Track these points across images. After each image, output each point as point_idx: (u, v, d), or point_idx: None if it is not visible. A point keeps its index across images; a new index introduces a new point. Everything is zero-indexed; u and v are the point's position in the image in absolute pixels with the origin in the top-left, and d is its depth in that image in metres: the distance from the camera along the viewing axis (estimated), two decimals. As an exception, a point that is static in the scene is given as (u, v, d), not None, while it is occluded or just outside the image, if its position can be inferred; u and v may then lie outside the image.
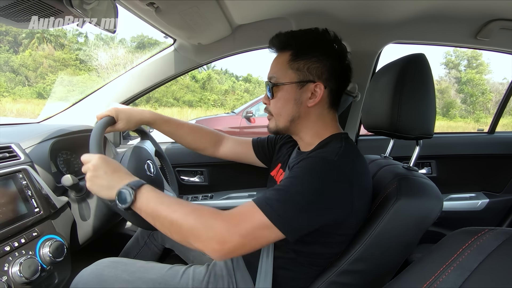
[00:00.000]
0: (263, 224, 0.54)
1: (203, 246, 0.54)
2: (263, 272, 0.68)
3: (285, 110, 0.69)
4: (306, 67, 0.67)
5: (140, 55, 17.00)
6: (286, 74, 0.68)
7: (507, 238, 0.39)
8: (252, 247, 0.55)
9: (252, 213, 0.55)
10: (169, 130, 0.91)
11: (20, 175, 0.72)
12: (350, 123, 1.33)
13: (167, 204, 0.58)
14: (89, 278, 0.70)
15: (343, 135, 0.70)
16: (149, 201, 0.59)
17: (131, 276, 0.70)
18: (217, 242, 0.53)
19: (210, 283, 0.72)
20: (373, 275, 0.67)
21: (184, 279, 0.72)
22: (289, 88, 0.68)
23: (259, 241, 0.55)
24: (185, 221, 0.55)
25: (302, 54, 0.67)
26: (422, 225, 0.65)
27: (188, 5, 0.84)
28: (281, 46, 0.71)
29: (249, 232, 0.54)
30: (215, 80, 17.33)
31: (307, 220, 0.56)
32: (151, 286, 0.69)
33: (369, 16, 1.06)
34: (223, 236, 0.53)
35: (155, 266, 0.76)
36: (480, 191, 1.50)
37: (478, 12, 1.01)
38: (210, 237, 0.53)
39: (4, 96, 14.32)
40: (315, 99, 0.67)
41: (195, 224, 0.55)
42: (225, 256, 0.55)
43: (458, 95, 17.11)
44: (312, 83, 0.67)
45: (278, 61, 0.71)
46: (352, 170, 0.60)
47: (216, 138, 0.98)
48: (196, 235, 0.54)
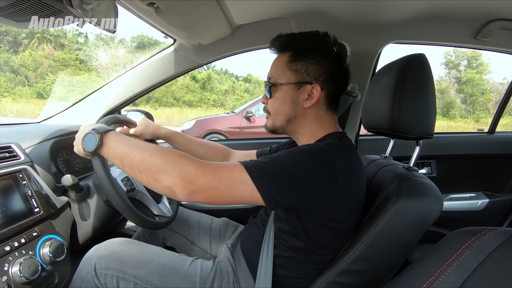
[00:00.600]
0: (241, 178, 0.53)
1: (172, 181, 0.52)
2: (263, 271, 0.68)
3: (282, 110, 0.70)
4: (304, 68, 0.68)
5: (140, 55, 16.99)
6: (284, 74, 0.69)
7: (507, 238, 0.39)
8: (221, 195, 0.53)
9: (233, 166, 0.55)
10: (182, 141, 0.97)
11: (20, 175, 0.72)
12: (350, 123, 1.33)
13: (140, 144, 0.58)
14: (104, 253, 0.71)
15: (339, 134, 0.70)
16: (118, 142, 0.59)
17: (144, 256, 0.72)
18: (187, 180, 0.51)
19: (217, 278, 0.73)
20: (373, 275, 0.67)
21: (192, 268, 0.74)
22: (286, 89, 0.69)
23: (231, 191, 0.53)
24: (158, 157, 0.54)
25: (301, 56, 0.68)
26: (422, 225, 0.65)
27: (188, 5, 0.84)
28: (281, 48, 0.72)
29: (224, 178, 0.53)
30: (215, 80, 17.32)
31: (286, 190, 0.55)
32: (162, 269, 0.71)
33: (369, 16, 1.06)
34: (196, 174, 0.52)
35: (165, 251, 0.78)
36: (480, 191, 1.51)
37: (478, 12, 1.01)
38: (183, 172, 0.52)
39: (4, 96, 14.31)
40: (312, 101, 0.68)
41: (169, 160, 0.53)
42: (191, 194, 0.52)
43: (458, 95, 17.10)
44: (309, 85, 0.68)
45: (277, 62, 0.72)
46: (340, 161, 0.60)
47: (225, 152, 1.02)
48: (167, 171, 0.52)
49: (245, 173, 0.54)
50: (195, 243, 0.98)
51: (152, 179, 0.54)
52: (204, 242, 0.98)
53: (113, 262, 0.69)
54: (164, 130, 0.96)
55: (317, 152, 0.60)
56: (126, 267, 0.69)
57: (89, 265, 0.69)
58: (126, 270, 0.69)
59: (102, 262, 0.69)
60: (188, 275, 0.72)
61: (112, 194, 0.67)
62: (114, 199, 0.67)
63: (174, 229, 1.01)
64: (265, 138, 1.55)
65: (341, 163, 0.59)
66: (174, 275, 0.71)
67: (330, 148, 0.61)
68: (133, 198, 0.87)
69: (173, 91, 15.74)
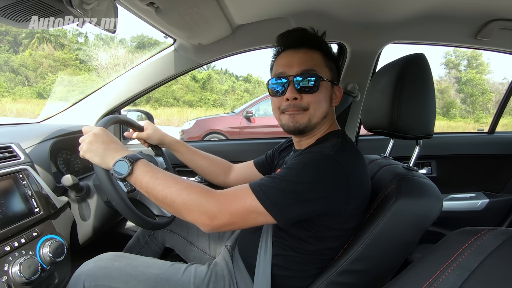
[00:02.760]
0: (254, 208, 0.56)
1: (194, 220, 0.58)
2: (261, 271, 0.68)
3: (323, 106, 0.70)
4: (335, 68, 0.72)
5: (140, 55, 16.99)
6: (324, 70, 0.69)
7: (507, 238, 0.39)
8: (240, 226, 0.59)
9: (244, 195, 0.57)
10: (186, 151, 0.99)
11: (20, 175, 0.72)
12: (350, 123, 1.33)
13: (163, 179, 0.61)
14: (93, 269, 0.70)
15: (340, 132, 0.71)
16: (145, 174, 0.62)
17: (134, 270, 0.71)
18: (207, 218, 0.57)
19: (211, 283, 0.73)
20: (373, 275, 0.67)
21: (185, 276, 0.73)
22: (327, 85, 0.70)
23: (247, 222, 0.58)
24: (179, 196, 0.58)
25: (330, 55, 0.72)
26: (422, 225, 0.65)
27: (188, 5, 0.84)
28: (313, 44, 0.70)
29: (239, 212, 0.57)
30: (215, 80, 17.32)
31: (298, 208, 0.57)
32: (154, 281, 0.70)
33: (369, 16, 1.06)
34: (214, 213, 0.56)
35: (157, 262, 0.77)
36: (480, 191, 1.50)
37: (478, 12, 1.01)
38: (202, 212, 0.57)
39: (4, 96, 14.30)
40: (337, 100, 0.73)
41: (188, 200, 0.58)
42: (214, 230, 0.58)
43: (458, 95, 17.10)
44: (336, 85, 0.73)
45: (312, 57, 0.69)
46: (348, 163, 0.60)
47: (226, 165, 1.03)
48: (188, 209, 0.58)
49: (257, 201, 0.56)
50: (194, 244, 0.98)
51: (176, 214, 0.60)
52: (203, 243, 0.97)
53: (102, 278, 0.68)
54: (169, 138, 0.98)
55: (325, 162, 0.59)
56: (116, 282, 0.68)
57: (78, 283, 0.68)
58: (115, 286, 0.68)
59: (90, 279, 0.68)
60: (182, 283, 0.71)
61: (113, 195, 0.67)
62: (115, 199, 0.67)
63: (173, 230, 1.01)
64: (265, 138, 1.55)
65: (349, 165, 0.60)
66: (167, 285, 0.70)
67: (337, 152, 0.61)
68: (134, 198, 0.87)
69: (173, 91, 15.74)
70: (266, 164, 0.98)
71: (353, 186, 0.59)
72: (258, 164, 1.00)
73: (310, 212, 0.58)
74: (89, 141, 0.66)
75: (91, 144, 0.66)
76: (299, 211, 0.57)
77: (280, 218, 0.56)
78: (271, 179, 0.58)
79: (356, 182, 0.61)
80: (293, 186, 0.56)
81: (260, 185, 0.58)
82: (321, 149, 0.63)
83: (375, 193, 0.70)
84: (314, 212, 0.59)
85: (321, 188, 0.57)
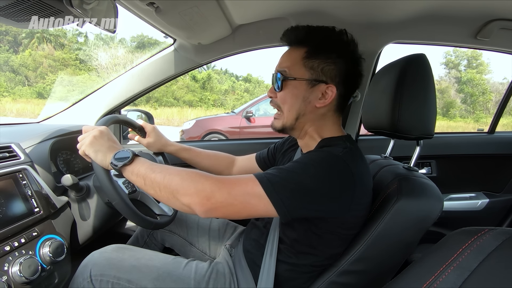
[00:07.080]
0: (255, 192, 0.54)
1: (190, 199, 0.55)
2: (266, 271, 0.68)
3: (292, 105, 0.68)
4: (320, 67, 0.66)
5: (140, 55, 16.98)
6: (298, 70, 0.67)
7: (507, 238, 0.39)
8: (237, 211, 0.55)
9: (247, 180, 0.56)
10: (188, 157, 1.00)
11: (20, 175, 0.72)
12: (350, 123, 1.33)
13: (160, 168, 0.62)
14: (99, 259, 0.72)
15: (348, 138, 0.70)
16: (142, 165, 0.63)
17: (137, 262, 0.73)
18: (205, 196, 0.54)
19: (212, 279, 0.73)
20: (373, 275, 0.67)
21: (186, 270, 0.74)
22: (298, 84, 0.67)
23: (246, 208, 0.55)
24: (177, 175, 0.58)
25: (318, 53, 0.65)
26: (423, 225, 0.65)
27: (188, 5, 0.84)
28: (297, 41, 0.69)
29: (239, 194, 0.55)
30: (215, 80, 17.31)
31: (301, 203, 0.55)
32: (155, 273, 0.71)
33: (369, 16, 1.06)
34: (212, 191, 0.54)
35: (159, 255, 0.78)
36: (480, 191, 1.51)
37: (478, 12, 1.01)
38: (200, 190, 0.55)
39: (4, 96, 14.30)
40: (325, 101, 0.66)
41: (186, 178, 0.57)
42: (210, 211, 0.55)
43: (458, 95, 17.09)
44: (324, 84, 0.66)
45: (291, 55, 0.69)
46: (356, 167, 0.60)
47: (229, 160, 1.04)
48: (185, 188, 0.56)
49: (259, 187, 0.54)
50: (193, 244, 0.98)
51: (172, 196, 0.57)
52: (203, 243, 0.97)
53: (107, 268, 0.70)
54: (169, 149, 0.99)
55: (334, 162, 0.58)
56: (120, 272, 0.70)
57: (85, 272, 0.70)
58: (120, 275, 0.69)
59: (97, 268, 0.70)
60: (183, 277, 0.72)
61: (113, 195, 0.67)
62: (115, 200, 0.67)
63: (172, 230, 1.01)
64: (265, 138, 1.55)
65: (358, 170, 0.59)
66: (168, 278, 0.71)
67: (348, 155, 0.60)
68: (135, 199, 0.87)
69: (173, 91, 15.74)
70: (267, 160, 0.97)
71: (358, 190, 0.59)
72: (259, 159, 0.99)
73: (312, 209, 0.57)
74: (93, 136, 0.67)
75: (96, 140, 0.66)
76: (300, 207, 0.56)
77: (280, 208, 0.54)
78: (278, 169, 0.58)
79: (361, 187, 0.61)
80: (298, 178, 0.56)
81: (266, 173, 0.57)
82: (330, 149, 0.63)
83: (376, 193, 0.70)
84: (316, 210, 0.57)
85: (327, 186, 0.56)
